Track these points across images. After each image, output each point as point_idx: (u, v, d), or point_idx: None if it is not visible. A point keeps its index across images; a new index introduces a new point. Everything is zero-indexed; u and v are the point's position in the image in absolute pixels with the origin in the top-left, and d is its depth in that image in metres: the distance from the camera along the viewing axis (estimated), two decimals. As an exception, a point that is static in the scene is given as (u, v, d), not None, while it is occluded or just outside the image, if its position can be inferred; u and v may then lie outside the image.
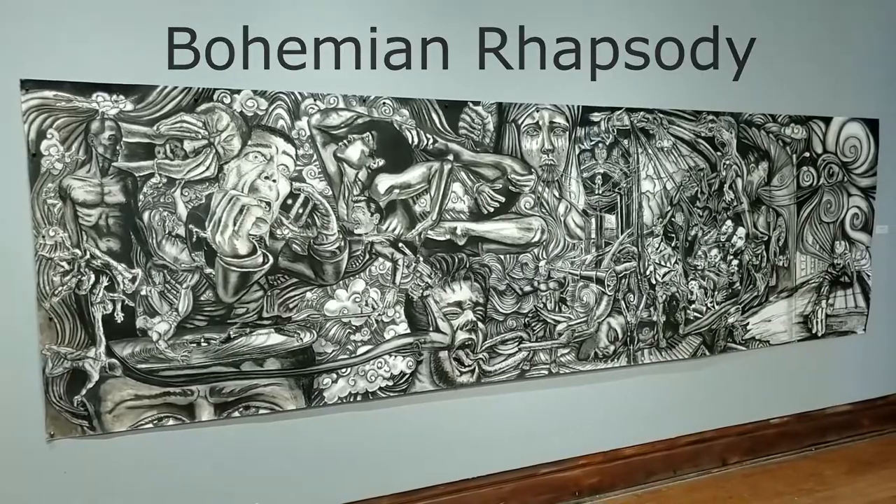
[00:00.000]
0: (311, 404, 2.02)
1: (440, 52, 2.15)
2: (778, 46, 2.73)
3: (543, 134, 2.29)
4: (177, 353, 1.86)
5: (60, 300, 1.74)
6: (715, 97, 2.62)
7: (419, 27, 2.12)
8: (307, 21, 1.98)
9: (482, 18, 2.20)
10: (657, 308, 2.54)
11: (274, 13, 1.94)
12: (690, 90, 2.57)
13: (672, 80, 2.52)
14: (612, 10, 2.41)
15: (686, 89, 2.57)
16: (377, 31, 2.06)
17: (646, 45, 2.47)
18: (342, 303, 2.04)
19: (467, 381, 2.23)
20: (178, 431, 1.89)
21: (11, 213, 1.68)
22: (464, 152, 2.18)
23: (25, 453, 1.73)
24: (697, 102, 2.59)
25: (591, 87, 2.38)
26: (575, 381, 2.43)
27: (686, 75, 2.55)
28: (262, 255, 1.93)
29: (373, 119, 2.05)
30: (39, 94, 1.69)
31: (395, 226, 2.09)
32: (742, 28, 2.63)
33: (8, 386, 1.71)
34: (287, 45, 1.96)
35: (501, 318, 2.27)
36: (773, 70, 2.73)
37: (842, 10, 2.86)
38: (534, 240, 2.30)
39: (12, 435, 1.72)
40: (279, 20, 1.95)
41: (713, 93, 2.61)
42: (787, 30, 2.75)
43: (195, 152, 1.85)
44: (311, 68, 1.98)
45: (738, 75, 2.63)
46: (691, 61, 2.55)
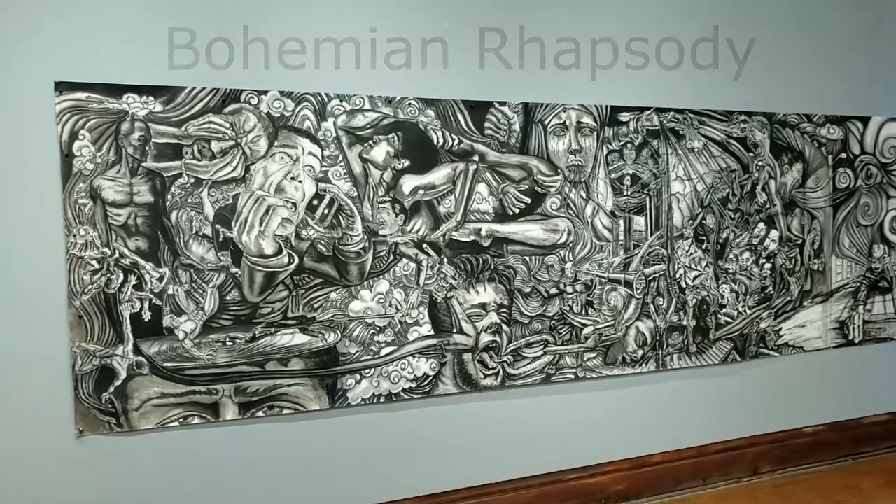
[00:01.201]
0: (334, 405, 2.02)
1: (466, 53, 2.14)
2: (813, 44, 2.66)
3: (570, 134, 2.26)
4: (202, 351, 1.87)
5: (90, 298, 1.76)
6: (747, 96, 2.55)
7: (445, 28, 2.10)
8: (334, 22, 1.99)
9: (509, 17, 2.18)
10: (687, 312, 2.48)
11: (301, 14, 1.95)
12: (722, 89, 2.52)
13: (702, 79, 2.48)
14: (642, 8, 2.37)
15: (717, 88, 2.51)
16: (403, 32, 2.06)
17: (676, 45, 2.42)
18: (366, 303, 2.03)
19: (491, 384, 2.21)
20: (202, 430, 1.90)
21: (44, 213, 1.71)
22: (489, 153, 2.16)
23: (56, 448, 1.76)
24: (729, 102, 2.53)
25: (620, 86, 2.35)
26: (602, 386, 2.39)
27: (717, 74, 2.50)
28: (287, 255, 1.93)
29: (398, 120, 2.04)
30: (72, 96, 1.72)
31: (420, 227, 2.08)
32: (775, 26, 2.56)
33: (40, 382, 1.74)
34: (314, 46, 1.96)
35: (526, 321, 2.24)
36: (808, 68, 2.66)
37: (881, 5, 2.77)
38: (560, 241, 2.27)
39: (44, 430, 1.75)
40: (306, 21, 1.96)
41: (745, 92, 2.55)
42: (824, 27, 2.67)
43: (222, 153, 1.86)
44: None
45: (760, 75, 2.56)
46: (722, 60, 2.50)
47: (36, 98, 1.69)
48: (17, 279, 1.71)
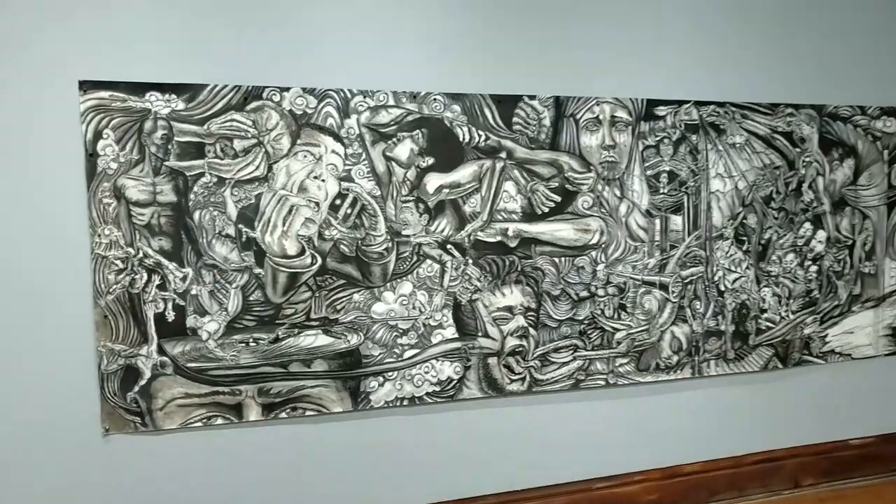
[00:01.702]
0: (357, 407, 2.00)
1: (494, 44, 2.07)
2: (867, 30, 2.50)
3: (604, 129, 2.18)
4: (226, 352, 1.87)
5: (115, 298, 1.77)
6: (794, 88, 2.42)
7: (471, 18, 2.05)
8: (357, 16, 1.95)
9: (540, 7, 2.11)
10: (725, 317, 2.38)
11: (324, 8, 1.92)
12: (766, 81, 2.39)
13: (745, 70, 2.35)
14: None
15: (761, 80, 2.38)
16: (428, 24, 2.01)
17: (717, 33, 2.31)
18: (389, 305, 2.00)
19: (518, 389, 2.16)
20: (226, 430, 1.90)
21: (70, 212, 1.73)
22: (517, 149, 2.10)
23: (83, 447, 1.78)
24: (774, 94, 2.40)
25: (657, 78, 2.25)
26: (634, 393, 2.31)
27: (761, 64, 2.37)
28: (310, 255, 1.91)
29: (423, 116, 2.00)
30: (96, 95, 1.72)
31: (444, 227, 2.04)
32: (827, 9, 2.42)
33: (68, 381, 1.76)
34: (337, 40, 1.93)
35: (555, 325, 2.18)
36: (862, 57, 2.50)
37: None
38: (592, 242, 2.19)
39: (71, 428, 1.77)
40: (328, 15, 1.92)
41: (792, 83, 2.42)
42: (880, 11, 2.51)
43: (245, 151, 1.84)
44: (360, 64, 1.95)
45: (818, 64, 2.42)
46: (767, 49, 2.37)
47: (61, 97, 1.70)
48: (44, 278, 1.73)
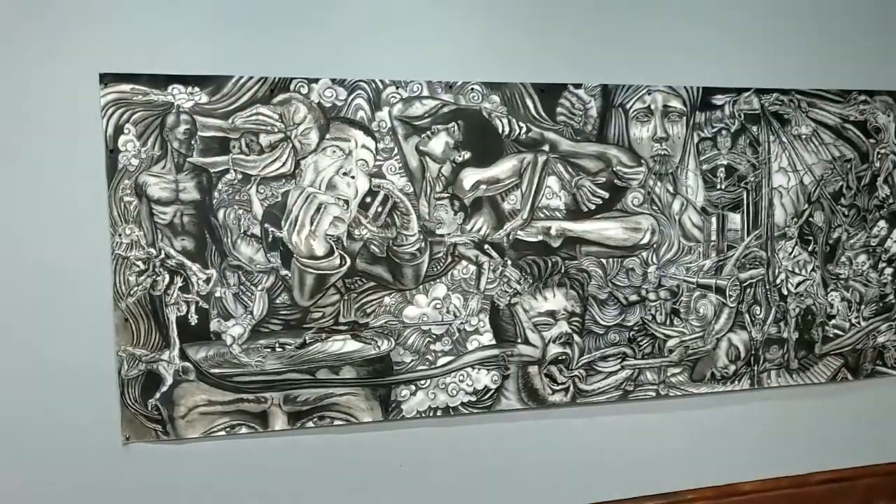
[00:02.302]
0: (388, 417, 1.91)
1: (536, 30, 1.94)
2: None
3: (656, 120, 2.04)
4: (251, 358, 1.79)
5: (136, 300, 1.71)
6: (868, 73, 2.23)
7: (511, 2, 1.92)
8: (389, 1, 1.84)
9: (586, -9, 1.97)
10: (788, 323, 2.21)
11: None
12: (836, 65, 2.20)
13: (813, 54, 2.17)
14: (741, -26, 2.10)
15: (831, 64, 2.20)
16: (464, 9, 1.89)
17: (781, 14, 2.13)
18: (422, 309, 1.90)
19: (560, 400, 2.03)
20: (250, 440, 1.82)
21: (90, 211, 1.67)
22: (561, 142, 1.97)
23: (103, 455, 1.73)
24: (845, 80, 2.21)
25: (714, 65, 2.10)
26: (687, 405, 2.16)
27: (830, 47, 2.18)
28: (339, 256, 1.83)
29: (459, 107, 1.89)
30: (117, 88, 1.66)
31: (481, 225, 1.92)
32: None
33: (87, 387, 1.71)
34: (368, 28, 1.83)
35: (601, 331, 2.05)
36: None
37: None
38: (642, 242, 2.05)
39: (91, 436, 1.72)
40: (358, 2, 1.82)
41: (866, 68, 2.22)
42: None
43: (271, 147, 1.76)
44: (392, 53, 1.84)
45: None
46: (837, 31, 2.18)
47: (81, 91, 1.64)
48: (63, 280, 1.68)
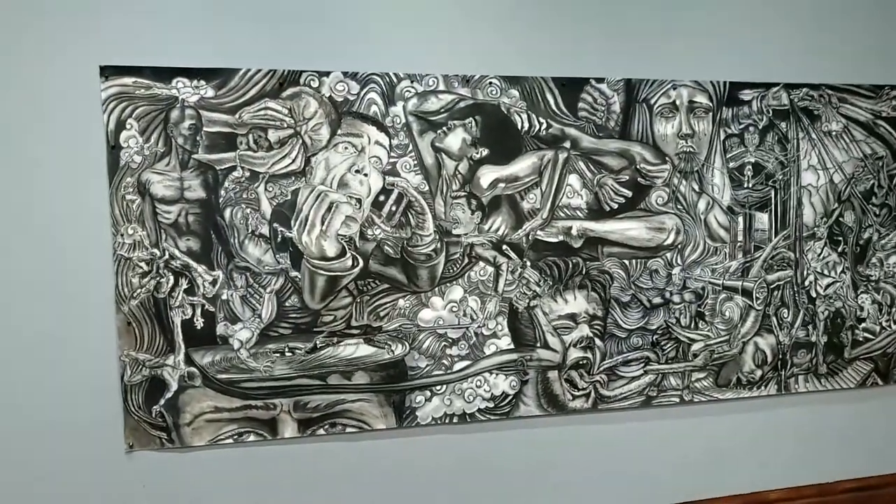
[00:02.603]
0: (402, 424, 1.83)
1: (557, 22, 1.86)
2: None
3: (681, 116, 1.96)
4: (259, 363, 1.72)
5: (139, 303, 1.64)
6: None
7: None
8: (404, -9, 1.76)
9: (610, -21, 1.89)
10: (817, 326, 2.13)
11: (368, -17, 1.74)
12: (869, 59, 2.11)
13: (844, 47, 2.08)
14: (773, -38, 2.01)
15: (863, 58, 2.10)
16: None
17: (810, 6, 2.04)
18: (437, 312, 1.83)
19: (581, 406, 1.95)
20: (259, 448, 1.75)
21: (90, 210, 1.60)
22: (583, 138, 1.89)
23: (105, 464, 1.66)
24: (879, 75, 2.12)
25: (742, 58, 2.01)
26: (712, 411, 2.08)
27: (863, 40, 2.09)
28: (351, 257, 1.75)
29: (477, 102, 1.81)
30: (119, 82, 1.59)
31: (499, 225, 1.85)
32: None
33: (89, 393, 1.64)
34: (381, 18, 1.75)
35: (624, 335, 1.97)
36: None
37: None
38: (667, 242, 1.97)
39: (93, 444, 1.65)
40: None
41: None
42: None
43: (280, 143, 1.69)
44: (407, 45, 1.76)
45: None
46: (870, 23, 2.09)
47: (80, 84, 1.57)
48: (63, 282, 1.61)
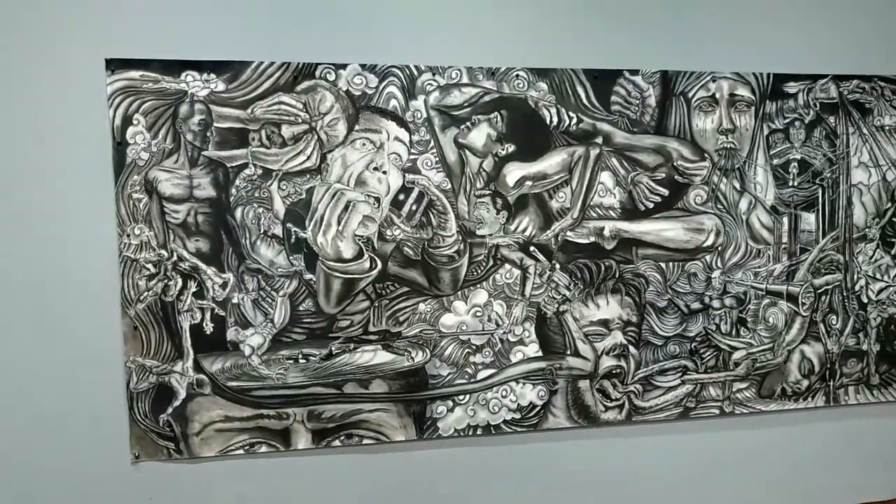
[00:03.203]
0: (422, 435, 1.75)
1: (588, 11, 1.78)
2: None
3: (721, 110, 1.87)
4: (271, 370, 1.65)
5: (146, 307, 1.58)
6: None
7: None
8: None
9: (645, -38, 1.80)
10: (868, 334, 2.02)
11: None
12: None
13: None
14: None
15: None
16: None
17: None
18: (460, 317, 1.75)
19: (614, 417, 1.85)
20: (271, 460, 1.68)
21: (95, 209, 1.55)
22: (616, 133, 1.81)
23: (110, 475, 1.60)
24: None
25: (787, 48, 1.91)
26: (755, 424, 1.97)
27: None
28: (369, 259, 1.68)
29: (502, 96, 1.73)
30: (125, 75, 1.54)
31: (526, 225, 1.77)
32: None
33: (94, 401, 1.59)
34: (400, 8, 1.68)
35: (660, 342, 1.88)
36: None
37: None
38: (706, 244, 1.88)
39: (98, 454, 1.59)
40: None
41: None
42: None
43: (294, 139, 1.62)
44: (429, 36, 1.69)
45: None
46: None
47: (85, 78, 1.51)
48: (67, 284, 1.56)
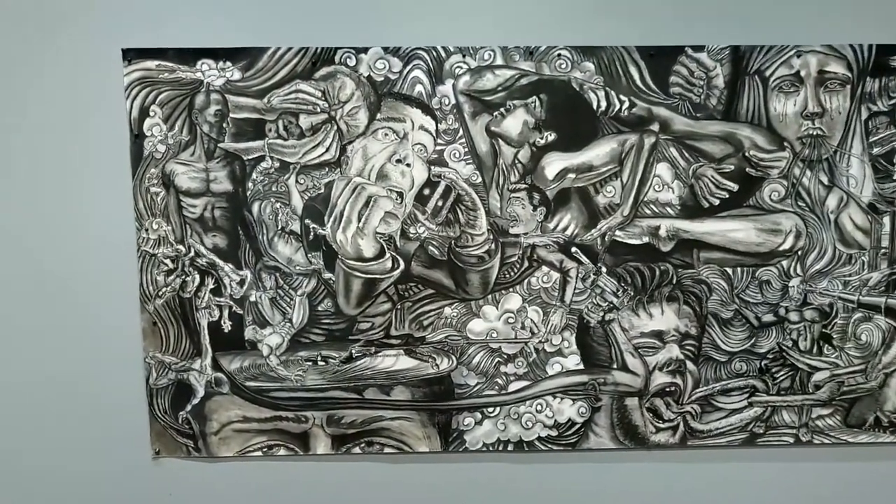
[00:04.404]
0: (448, 448, 1.65)
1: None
2: None
3: (807, 90, 1.61)
4: (290, 371, 1.60)
5: (164, 303, 1.57)
6: None
7: None
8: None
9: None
10: None
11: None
12: None
13: None
14: None
15: None
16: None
17: None
18: (490, 323, 1.62)
19: (666, 440, 1.67)
20: (289, 463, 1.63)
21: (113, 203, 1.54)
22: (676, 119, 1.61)
23: (132, 469, 1.62)
24: None
25: (892, 15, 1.62)
26: (838, 456, 1.72)
27: None
28: (391, 258, 1.58)
29: (542, 78, 1.57)
30: (142, 65, 1.51)
31: (568, 223, 1.61)
32: None
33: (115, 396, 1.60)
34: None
35: (724, 359, 1.67)
36: None
37: None
38: (783, 247, 1.64)
39: (119, 449, 1.61)
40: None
41: None
42: None
43: (313, 129, 1.55)
44: (458, 14, 1.55)
45: None
46: None
47: (102, 69, 1.50)
48: (85, 279, 1.57)
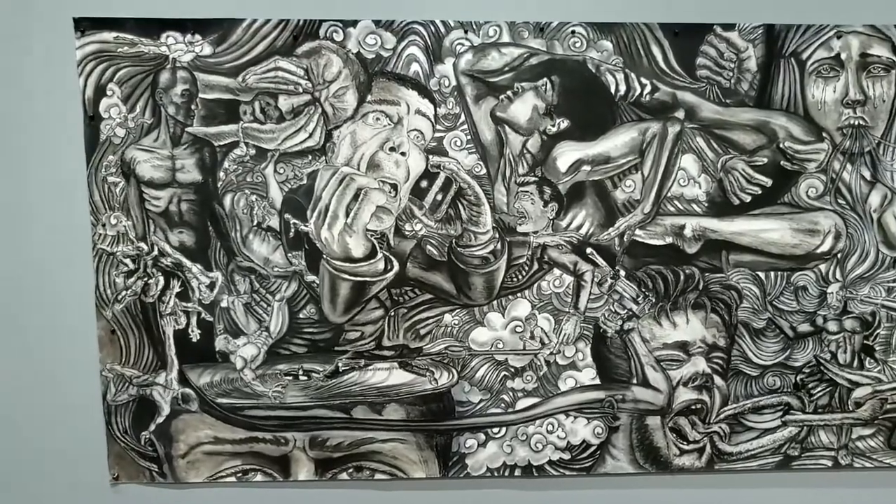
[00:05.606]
0: (447, 473, 1.49)
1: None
2: None
3: (848, 75, 1.49)
4: (267, 386, 1.44)
5: (124, 308, 1.41)
6: None
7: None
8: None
9: None
10: None
11: None
12: None
13: None
14: None
15: None
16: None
17: None
18: (496, 332, 1.48)
19: (691, 464, 1.53)
20: (267, 490, 1.47)
21: (66, 195, 1.38)
22: (703, 106, 1.47)
23: (88, 496, 1.45)
24: None
25: None
26: (881, 481, 1.58)
27: None
28: (383, 258, 1.43)
29: (554, 58, 1.43)
30: (97, 37, 1.35)
31: (582, 221, 1.47)
32: None
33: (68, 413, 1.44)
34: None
35: (755, 373, 1.53)
36: None
37: None
38: (821, 249, 1.52)
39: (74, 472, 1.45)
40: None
41: None
42: None
43: (293, 112, 1.39)
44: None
45: None
46: None
47: (50, 41, 1.34)
48: (35, 280, 1.41)
